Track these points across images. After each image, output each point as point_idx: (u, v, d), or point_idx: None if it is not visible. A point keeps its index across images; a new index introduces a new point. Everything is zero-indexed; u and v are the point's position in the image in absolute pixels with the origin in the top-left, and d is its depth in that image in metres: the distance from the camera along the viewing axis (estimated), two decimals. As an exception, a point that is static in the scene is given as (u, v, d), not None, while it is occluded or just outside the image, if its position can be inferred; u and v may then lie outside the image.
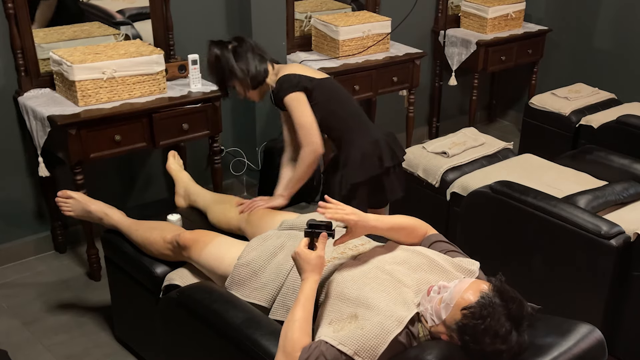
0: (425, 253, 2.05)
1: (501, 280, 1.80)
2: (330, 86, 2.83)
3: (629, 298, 2.67)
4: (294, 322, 1.86)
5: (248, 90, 2.80)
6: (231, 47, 2.76)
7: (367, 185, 2.84)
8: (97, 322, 3.08)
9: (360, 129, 2.84)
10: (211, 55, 2.77)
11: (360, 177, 2.80)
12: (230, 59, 2.74)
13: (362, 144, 2.80)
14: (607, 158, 3.30)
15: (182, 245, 2.41)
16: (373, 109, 4.61)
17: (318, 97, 2.75)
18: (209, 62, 2.80)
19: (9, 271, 3.44)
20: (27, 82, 3.24)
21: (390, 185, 2.91)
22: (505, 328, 1.71)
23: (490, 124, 5.46)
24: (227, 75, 2.78)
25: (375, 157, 2.81)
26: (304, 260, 1.91)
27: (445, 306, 1.81)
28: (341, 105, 2.85)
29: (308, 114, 2.70)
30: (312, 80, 2.75)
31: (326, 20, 3.96)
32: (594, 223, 2.61)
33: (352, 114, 2.87)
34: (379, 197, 2.93)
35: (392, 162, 2.86)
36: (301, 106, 2.71)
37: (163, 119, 3.24)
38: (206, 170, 3.88)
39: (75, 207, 2.78)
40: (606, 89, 4.41)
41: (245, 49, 2.77)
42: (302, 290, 1.91)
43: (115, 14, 3.63)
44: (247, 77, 2.75)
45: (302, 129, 2.70)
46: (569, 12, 4.90)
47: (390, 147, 2.86)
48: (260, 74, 2.76)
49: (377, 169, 2.82)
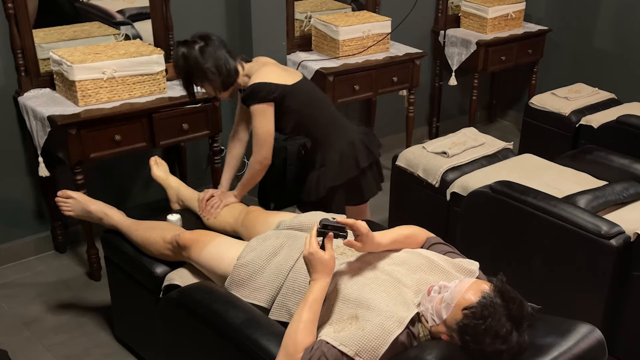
0: (425, 254, 2.05)
1: (502, 280, 1.80)
2: (304, 89, 2.80)
3: (629, 298, 2.67)
4: (300, 323, 1.85)
5: (219, 91, 2.75)
6: (198, 47, 2.67)
7: (344, 187, 2.85)
8: (97, 322, 3.08)
9: (336, 131, 2.85)
10: (178, 56, 2.69)
11: (338, 180, 2.82)
12: (199, 59, 2.65)
13: (339, 146, 2.81)
14: (607, 158, 3.30)
15: (181, 245, 2.41)
16: (373, 109, 4.61)
17: (291, 104, 2.74)
18: (177, 64, 2.71)
19: (9, 271, 3.44)
20: (27, 82, 3.24)
21: (367, 185, 2.92)
22: (505, 328, 1.72)
23: (490, 124, 5.46)
24: (197, 76, 2.71)
25: (352, 159, 2.83)
26: (318, 260, 1.89)
27: (446, 306, 1.81)
28: (316, 109, 2.85)
29: (268, 128, 2.70)
30: (284, 88, 2.71)
31: (326, 20, 3.96)
32: (594, 223, 2.61)
33: (327, 116, 2.88)
34: (356, 196, 2.94)
35: (367, 162, 2.87)
36: (264, 119, 2.69)
37: (163, 119, 3.24)
38: (206, 170, 3.88)
39: (75, 207, 2.78)
40: (606, 89, 4.40)
41: (212, 48, 2.68)
42: (311, 291, 1.89)
43: (115, 14, 3.63)
44: (217, 77, 2.68)
45: (258, 140, 2.71)
46: (569, 12, 4.90)
47: (365, 147, 2.88)
48: (230, 74, 2.70)
49: (353, 171, 2.84)
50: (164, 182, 2.93)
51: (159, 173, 2.94)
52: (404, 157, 3.46)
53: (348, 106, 4.50)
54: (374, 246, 2.03)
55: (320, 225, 1.91)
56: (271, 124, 2.71)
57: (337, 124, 2.88)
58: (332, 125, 2.86)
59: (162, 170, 2.97)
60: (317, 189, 2.83)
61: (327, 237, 1.91)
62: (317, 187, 2.82)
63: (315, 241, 1.90)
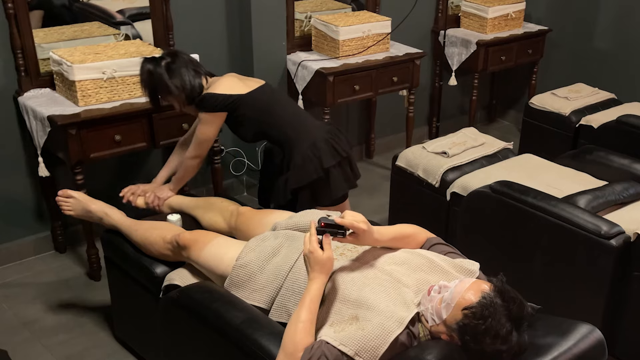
0: (425, 254, 2.05)
1: (502, 280, 1.80)
2: (258, 97, 2.86)
3: (629, 298, 2.67)
4: (298, 324, 1.86)
5: (184, 105, 2.87)
6: (164, 64, 2.81)
7: (309, 188, 2.87)
8: (97, 322, 3.08)
9: (297, 134, 2.87)
10: (143, 72, 2.83)
11: (301, 182, 2.85)
12: (164, 75, 2.80)
13: (301, 149, 2.84)
14: (607, 158, 3.30)
15: (181, 245, 2.41)
16: (373, 109, 4.62)
17: (246, 112, 2.84)
18: (142, 79, 2.85)
19: (9, 271, 3.44)
20: (27, 82, 3.24)
21: (334, 182, 2.92)
22: (505, 328, 1.72)
23: (490, 124, 5.47)
24: (161, 91, 2.84)
25: (315, 160, 2.84)
26: (316, 259, 1.89)
27: (446, 306, 1.81)
28: (274, 115, 2.89)
29: (209, 134, 2.84)
30: (236, 98, 2.80)
31: (326, 20, 3.96)
32: (594, 223, 2.61)
33: (287, 122, 2.90)
34: (325, 196, 2.94)
35: (334, 161, 2.88)
36: (208, 126, 2.83)
37: (163, 119, 3.24)
38: (206, 170, 3.88)
39: (75, 206, 2.78)
40: (606, 89, 4.40)
41: (179, 65, 2.82)
42: (308, 291, 1.90)
43: (115, 14, 3.63)
44: (181, 92, 2.81)
45: (198, 141, 2.85)
46: (569, 12, 4.90)
47: (331, 146, 2.89)
48: (194, 89, 2.83)
49: (317, 173, 2.85)
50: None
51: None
52: (404, 157, 3.46)
53: (348, 106, 4.50)
54: (372, 241, 2.03)
55: (319, 224, 1.91)
56: (214, 132, 2.86)
57: (299, 127, 2.90)
58: (292, 129, 2.88)
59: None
60: (284, 193, 2.87)
61: (325, 237, 1.91)
62: (285, 190, 2.87)
63: (315, 240, 1.90)
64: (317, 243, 1.89)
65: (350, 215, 1.96)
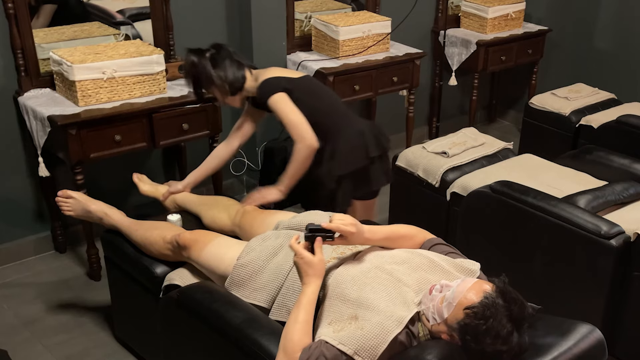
0: (425, 254, 2.05)
1: (504, 281, 1.80)
2: (309, 84, 2.88)
3: (629, 298, 2.67)
4: (296, 324, 1.87)
5: (227, 96, 2.85)
6: (209, 55, 2.80)
7: (352, 176, 2.86)
8: (97, 322, 3.08)
9: (344, 122, 2.87)
10: (187, 62, 2.82)
11: (347, 169, 2.83)
12: (207, 66, 2.79)
13: (348, 136, 2.83)
14: (607, 158, 3.30)
15: (181, 245, 2.41)
16: (373, 109, 4.61)
17: (299, 96, 2.79)
18: (186, 69, 2.85)
19: (9, 271, 3.44)
20: (27, 82, 3.24)
21: (375, 174, 2.92)
22: (506, 329, 1.72)
23: (490, 124, 5.46)
24: (205, 82, 2.83)
25: (362, 148, 2.84)
26: (308, 264, 1.91)
27: (447, 305, 1.81)
28: (323, 101, 2.89)
29: (295, 111, 2.72)
30: (290, 80, 2.80)
31: (326, 20, 3.96)
32: (594, 223, 2.61)
33: (335, 108, 2.91)
34: (364, 187, 2.94)
35: (377, 152, 2.88)
36: (286, 105, 2.73)
37: (163, 119, 3.24)
38: (206, 170, 3.87)
39: (75, 206, 2.78)
40: (606, 89, 4.40)
41: (223, 56, 2.81)
42: (304, 294, 1.91)
43: (115, 14, 3.63)
44: (225, 83, 2.79)
45: (293, 126, 2.71)
46: (569, 12, 4.90)
47: (375, 137, 2.89)
48: (238, 80, 2.81)
49: (363, 160, 2.85)
50: (155, 194, 2.96)
51: (146, 188, 2.98)
52: (404, 157, 3.46)
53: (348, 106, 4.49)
54: (363, 241, 2.04)
55: (307, 230, 1.93)
56: (296, 108, 2.72)
57: (345, 116, 2.91)
58: (339, 116, 2.89)
59: (147, 182, 3.01)
60: (328, 182, 2.84)
61: (316, 241, 1.94)
62: (329, 179, 2.83)
63: (301, 245, 1.93)
64: (303, 248, 1.92)
65: (338, 218, 1.98)
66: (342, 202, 2.86)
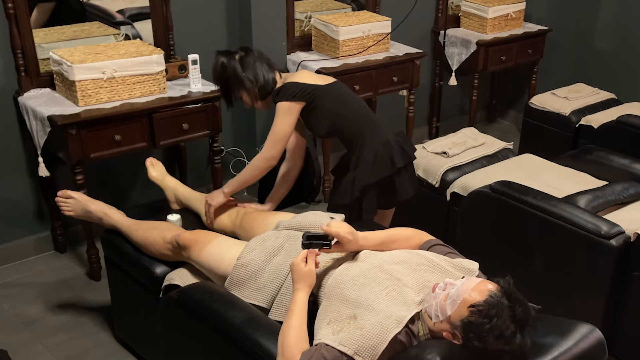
0: (424, 254, 2.06)
1: (509, 282, 1.80)
2: (336, 91, 2.81)
3: (629, 298, 2.67)
4: (290, 329, 1.88)
5: (256, 100, 2.79)
6: (238, 57, 2.75)
7: (378, 186, 2.83)
8: (97, 322, 3.08)
9: (370, 130, 2.82)
10: (217, 64, 2.75)
11: (373, 179, 2.79)
12: (238, 69, 2.72)
13: (373, 145, 2.79)
14: (607, 158, 3.30)
15: (181, 245, 2.41)
16: (373, 109, 4.61)
17: (324, 103, 2.75)
18: (215, 71, 2.77)
19: (9, 271, 3.44)
20: (27, 82, 3.24)
21: (401, 185, 2.89)
22: (510, 329, 1.72)
23: (490, 124, 5.46)
24: (234, 85, 2.76)
25: (387, 158, 2.80)
26: (298, 273, 1.97)
27: (451, 302, 1.81)
28: (350, 108, 2.83)
29: (287, 128, 2.69)
30: (316, 88, 2.73)
31: (326, 20, 3.96)
32: (594, 223, 2.61)
33: (361, 116, 2.86)
34: (390, 197, 2.92)
35: (403, 162, 2.84)
36: (286, 117, 2.69)
37: (163, 119, 3.24)
38: (206, 170, 3.88)
39: (75, 207, 2.78)
40: (606, 89, 4.41)
41: (252, 59, 2.75)
42: (294, 301, 1.95)
43: (115, 14, 3.63)
44: (255, 87, 2.74)
45: (274, 138, 2.70)
46: (569, 12, 4.90)
47: (401, 147, 2.85)
48: (268, 83, 2.75)
49: (389, 170, 2.81)
50: (161, 183, 2.93)
51: (155, 174, 2.95)
52: (404, 157, 3.46)
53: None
54: (357, 248, 2.07)
55: (304, 238, 1.97)
56: (292, 125, 2.71)
57: (371, 124, 2.86)
58: (366, 124, 2.84)
59: (159, 171, 2.97)
60: (352, 191, 2.80)
61: (309, 253, 1.97)
62: (353, 188, 2.80)
63: (300, 255, 1.97)
64: (303, 257, 1.97)
65: (335, 225, 2.01)
66: (367, 211, 2.84)
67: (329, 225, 2.00)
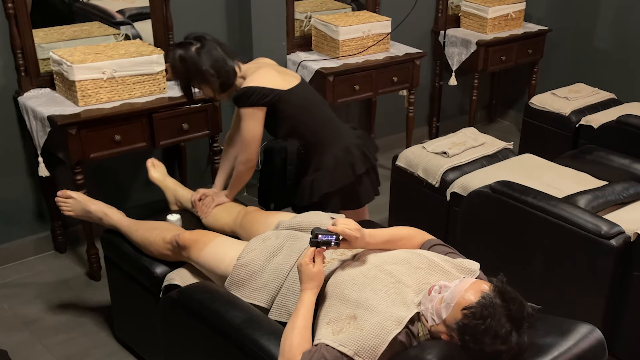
0: (425, 254, 2.06)
1: (502, 280, 1.80)
2: (299, 94, 2.75)
3: (629, 298, 2.67)
4: (294, 329, 1.88)
5: (218, 93, 2.72)
6: (195, 49, 2.63)
7: (339, 193, 2.82)
8: (97, 322, 3.08)
9: (332, 136, 2.81)
10: (175, 58, 2.64)
11: (333, 187, 2.78)
12: (198, 61, 2.62)
13: (334, 152, 2.77)
14: (607, 158, 3.30)
15: (181, 245, 2.41)
16: (373, 109, 4.62)
17: (285, 109, 2.70)
18: (174, 66, 2.67)
19: (9, 271, 3.44)
20: (27, 82, 3.24)
21: (364, 190, 2.89)
22: (505, 329, 1.72)
23: (490, 124, 5.46)
24: (195, 78, 2.67)
25: (347, 165, 2.79)
26: (305, 274, 1.94)
27: (445, 306, 1.81)
28: (311, 114, 2.80)
29: (255, 131, 2.67)
30: (278, 93, 2.67)
31: (326, 20, 3.96)
32: (594, 223, 2.61)
33: (323, 122, 2.83)
34: (353, 203, 2.92)
35: (364, 168, 2.84)
36: (252, 122, 2.66)
37: (163, 119, 3.24)
38: (206, 170, 3.88)
39: (75, 207, 2.78)
40: (606, 89, 4.40)
41: (210, 49, 2.63)
42: (302, 301, 1.93)
43: (115, 14, 3.63)
44: (216, 79, 2.65)
45: (244, 142, 2.70)
46: (569, 12, 4.90)
47: (362, 152, 2.84)
48: (229, 75, 2.67)
49: (349, 178, 2.80)
50: (161, 184, 2.93)
51: (156, 175, 2.95)
52: (404, 157, 3.46)
53: (348, 106, 4.50)
54: (364, 245, 2.05)
55: (313, 236, 1.95)
56: (259, 128, 2.69)
57: (333, 129, 2.83)
58: (327, 130, 2.81)
59: (159, 172, 2.96)
60: (310, 194, 2.79)
61: (317, 252, 1.95)
62: (311, 191, 2.79)
63: (309, 253, 1.94)
64: (310, 257, 1.94)
65: (342, 223, 1.99)
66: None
67: (336, 224, 1.98)
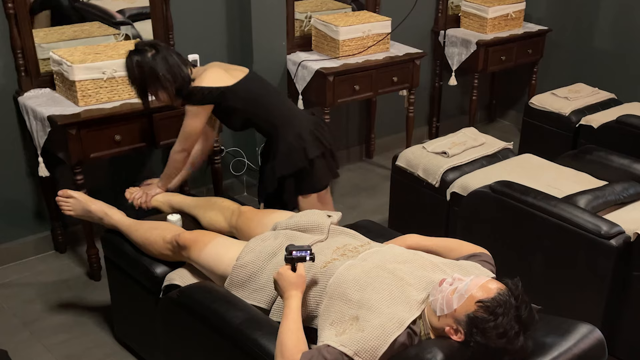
0: (427, 257, 2.08)
1: (517, 284, 1.81)
2: (246, 88, 2.87)
3: (629, 298, 2.67)
4: (288, 332, 1.89)
5: (174, 98, 2.82)
6: (150, 55, 2.72)
7: (294, 177, 2.93)
8: (97, 322, 3.08)
9: (283, 124, 2.91)
10: (131, 64, 2.73)
11: (286, 170, 2.90)
12: (154, 67, 2.71)
13: (287, 138, 2.89)
14: (607, 158, 3.30)
15: (181, 245, 2.41)
16: (373, 109, 4.62)
17: (234, 104, 2.85)
18: (132, 72, 2.75)
19: (9, 271, 3.44)
20: (27, 82, 3.24)
21: (318, 174, 2.98)
22: (514, 330, 1.73)
23: (490, 124, 5.46)
24: (151, 84, 2.76)
25: (300, 150, 2.89)
26: (285, 279, 1.97)
27: (458, 296, 1.81)
28: (261, 107, 2.92)
29: (195, 127, 2.83)
30: (223, 91, 2.80)
31: (326, 20, 3.96)
32: (594, 223, 2.61)
33: (274, 111, 2.94)
34: (309, 186, 3.00)
35: (317, 152, 2.93)
36: (193, 119, 2.81)
37: (163, 119, 3.24)
38: (206, 170, 3.88)
39: (75, 206, 2.78)
40: (606, 89, 4.40)
41: (163, 55, 2.74)
42: (289, 307, 1.94)
43: (116, 14, 3.63)
44: (173, 85, 2.75)
45: (184, 134, 2.85)
46: (569, 12, 4.90)
47: (315, 137, 2.93)
48: (185, 80, 2.78)
49: (302, 162, 2.90)
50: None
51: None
52: (404, 157, 3.46)
53: (348, 106, 4.50)
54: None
55: (287, 252, 1.98)
56: (200, 124, 2.84)
57: (284, 117, 2.94)
58: (279, 119, 2.92)
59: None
60: (272, 181, 2.93)
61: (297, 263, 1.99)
62: (272, 178, 2.92)
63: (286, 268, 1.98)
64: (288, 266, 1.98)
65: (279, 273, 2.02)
66: (288, 201, 2.96)
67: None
